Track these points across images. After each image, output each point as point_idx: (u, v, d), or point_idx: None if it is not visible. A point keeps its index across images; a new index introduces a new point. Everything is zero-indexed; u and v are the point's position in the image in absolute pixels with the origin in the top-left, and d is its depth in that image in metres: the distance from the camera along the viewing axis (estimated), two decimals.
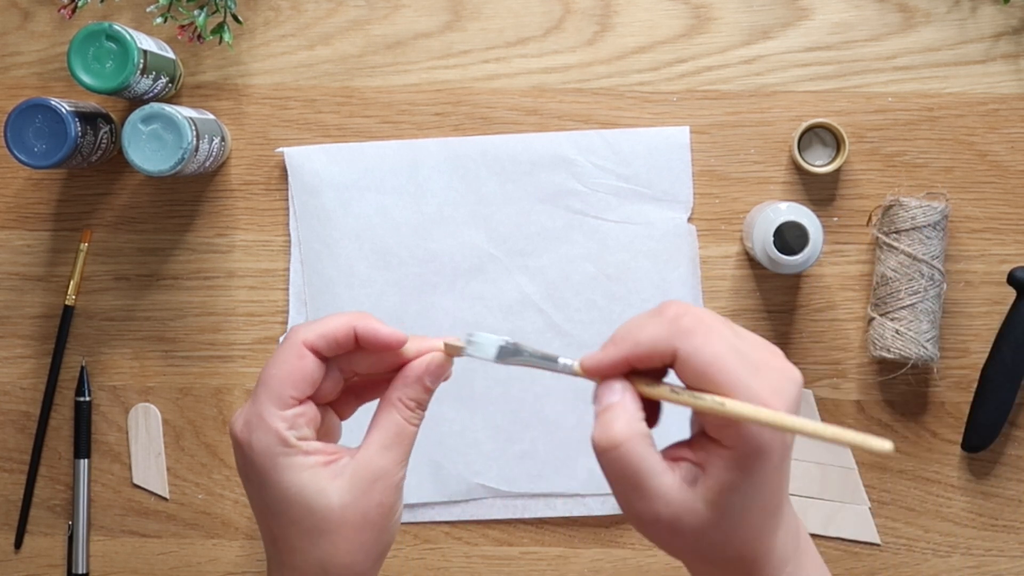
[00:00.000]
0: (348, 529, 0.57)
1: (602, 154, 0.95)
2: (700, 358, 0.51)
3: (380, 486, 0.57)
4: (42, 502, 0.97)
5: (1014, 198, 0.95)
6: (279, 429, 0.57)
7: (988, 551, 0.95)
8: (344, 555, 0.57)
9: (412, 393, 0.59)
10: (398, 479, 0.58)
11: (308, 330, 0.58)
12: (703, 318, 0.52)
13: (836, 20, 0.95)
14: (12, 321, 0.97)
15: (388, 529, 0.58)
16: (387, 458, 0.58)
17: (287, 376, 0.58)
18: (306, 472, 0.57)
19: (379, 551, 0.58)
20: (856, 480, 0.95)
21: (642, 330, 0.52)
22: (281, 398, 0.58)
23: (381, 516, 0.57)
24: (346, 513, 0.57)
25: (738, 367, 0.50)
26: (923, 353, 0.90)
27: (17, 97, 0.94)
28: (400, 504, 0.59)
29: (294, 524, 0.57)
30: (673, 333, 0.51)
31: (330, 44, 0.96)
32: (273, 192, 0.96)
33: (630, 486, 0.52)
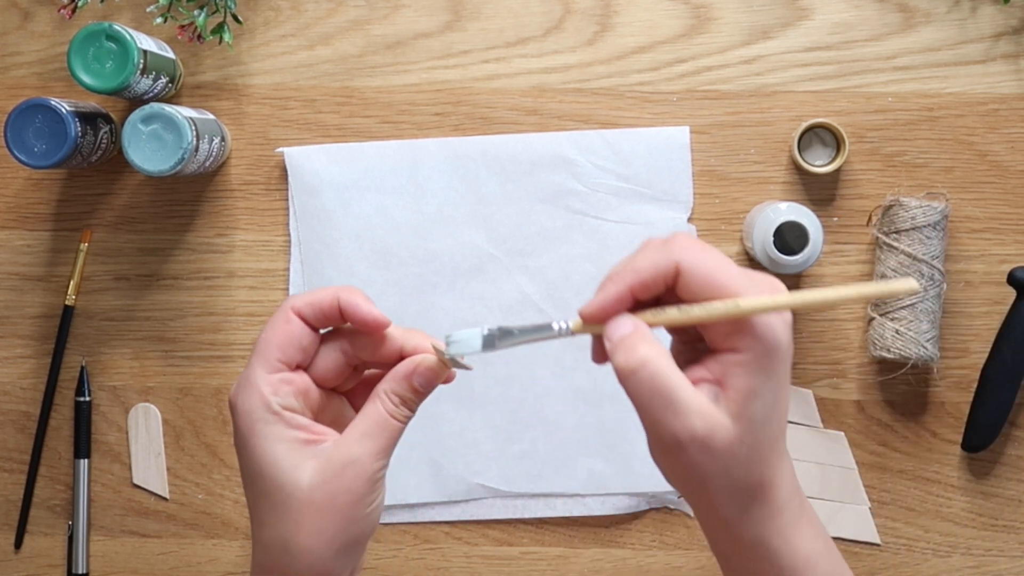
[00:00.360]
0: (312, 511, 0.56)
1: (602, 154, 0.95)
2: (705, 266, 0.51)
3: (351, 473, 0.56)
4: (42, 502, 0.97)
5: (1014, 198, 0.95)
6: (263, 392, 0.57)
7: (988, 551, 0.95)
8: (306, 537, 0.56)
9: (398, 389, 0.58)
10: (372, 470, 0.57)
11: (298, 298, 0.59)
12: (692, 237, 0.53)
13: (836, 20, 0.95)
14: (12, 321, 0.97)
15: (356, 520, 0.57)
16: (363, 447, 0.57)
17: (274, 339, 0.58)
18: (283, 445, 0.57)
19: (344, 541, 0.57)
20: (856, 480, 0.95)
21: (638, 259, 0.53)
22: (268, 361, 0.58)
23: (348, 504, 0.56)
24: (313, 495, 0.56)
25: (738, 273, 0.52)
26: (923, 353, 0.90)
27: (17, 97, 0.94)
28: (374, 498, 0.57)
29: (263, 496, 0.57)
30: (672, 250, 0.52)
31: (330, 44, 0.96)
32: (273, 192, 0.96)
33: (663, 403, 0.51)
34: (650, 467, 0.94)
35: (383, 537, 0.96)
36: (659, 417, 0.52)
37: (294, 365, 0.59)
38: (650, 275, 0.52)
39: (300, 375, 0.59)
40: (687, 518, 0.96)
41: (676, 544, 0.96)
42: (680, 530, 0.96)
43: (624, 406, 0.96)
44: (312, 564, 0.57)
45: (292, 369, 0.59)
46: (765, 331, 0.52)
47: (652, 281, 0.53)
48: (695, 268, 0.52)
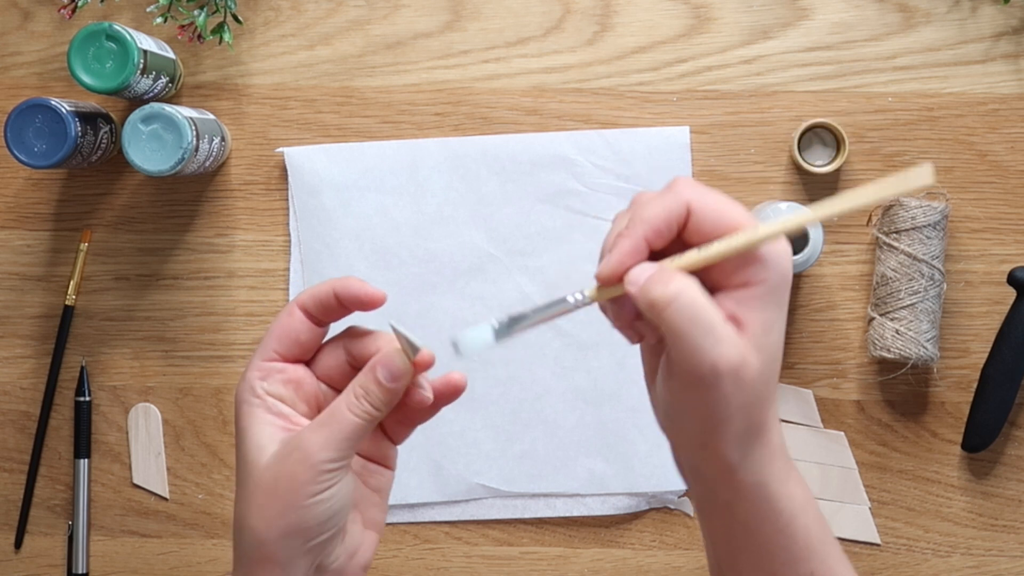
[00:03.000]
0: (259, 491, 0.57)
1: (602, 154, 0.95)
2: (715, 203, 0.52)
3: (296, 457, 0.56)
4: (42, 502, 0.97)
5: (1014, 198, 0.95)
6: (251, 376, 0.59)
7: (988, 551, 0.95)
8: (252, 517, 0.57)
9: (362, 381, 0.58)
10: (316, 459, 0.56)
11: (303, 292, 0.60)
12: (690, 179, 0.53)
13: (836, 20, 0.95)
14: (12, 321, 0.97)
15: (296, 507, 0.56)
16: (314, 435, 0.56)
17: (274, 331, 0.60)
18: (259, 426, 0.58)
19: (285, 527, 0.56)
20: (856, 480, 0.95)
21: (645, 210, 0.52)
22: (265, 351, 0.60)
23: (288, 489, 0.56)
24: (263, 475, 0.57)
25: (742, 208, 0.52)
26: (923, 353, 0.90)
27: (17, 97, 0.94)
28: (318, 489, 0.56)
29: (238, 474, 0.59)
30: (679, 193, 0.52)
31: (330, 44, 0.96)
32: (273, 192, 0.96)
33: (704, 331, 0.50)
34: (650, 467, 0.95)
35: (383, 537, 0.96)
36: (700, 344, 0.50)
37: (292, 357, 0.60)
38: (663, 221, 0.52)
39: (296, 367, 0.60)
40: (687, 518, 0.96)
41: (676, 544, 0.96)
42: (680, 530, 0.96)
43: (624, 406, 0.96)
44: (255, 543, 0.57)
45: (289, 360, 0.60)
46: (777, 261, 0.52)
47: (666, 227, 0.52)
48: (706, 207, 0.52)
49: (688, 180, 0.53)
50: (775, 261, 0.52)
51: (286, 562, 0.57)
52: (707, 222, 0.52)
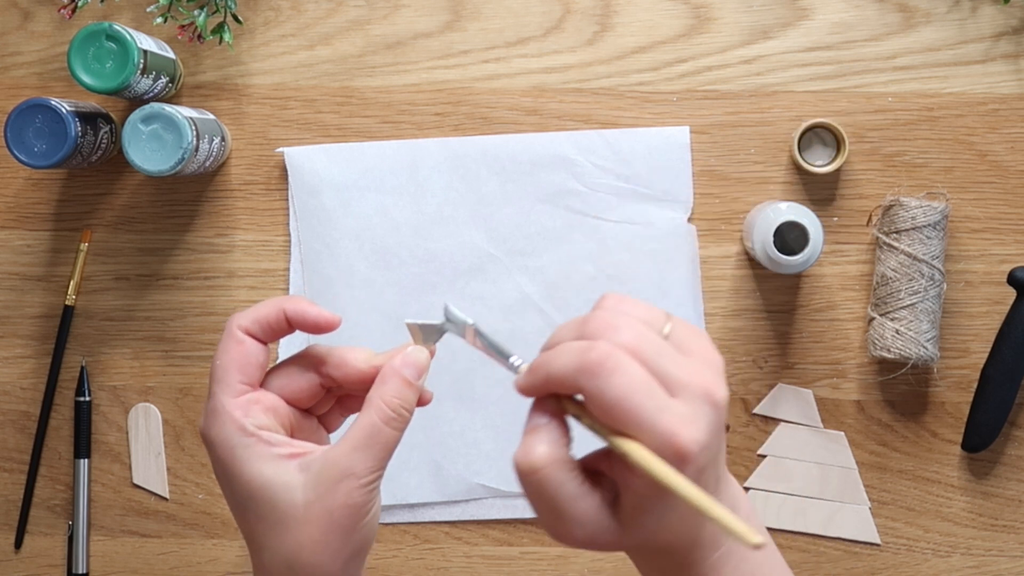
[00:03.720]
0: (312, 528, 0.55)
1: (602, 154, 0.95)
2: (604, 400, 0.48)
3: (346, 487, 0.55)
4: (42, 502, 0.97)
5: (1014, 198, 0.95)
6: (234, 416, 0.57)
7: (988, 551, 0.95)
8: (310, 554, 0.56)
9: (391, 390, 0.57)
10: (366, 480, 0.56)
11: (243, 316, 0.59)
12: (609, 351, 0.49)
13: (836, 20, 0.95)
14: (12, 321, 0.97)
15: (358, 530, 0.56)
16: (355, 458, 0.56)
17: (231, 363, 0.58)
18: (270, 463, 0.56)
19: (350, 552, 0.56)
20: (856, 480, 0.95)
21: (553, 361, 0.51)
22: (230, 385, 0.57)
23: (347, 517, 0.55)
24: (311, 511, 0.55)
25: (644, 404, 0.48)
26: (923, 353, 0.90)
27: (17, 97, 0.94)
28: (373, 505, 0.57)
29: (261, 520, 0.56)
30: (579, 371, 0.49)
31: (330, 44, 0.96)
32: (273, 192, 0.96)
33: (547, 509, 0.51)
34: None
35: (383, 537, 0.96)
36: (543, 518, 0.52)
37: (256, 384, 0.59)
38: (560, 387, 0.51)
39: (265, 393, 0.59)
40: None
41: None
42: None
43: None
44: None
45: (255, 387, 0.58)
46: (650, 480, 0.49)
47: (565, 391, 0.51)
48: (596, 400, 0.49)
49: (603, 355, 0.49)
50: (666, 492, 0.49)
51: None
52: (596, 411, 0.50)
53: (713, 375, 0.50)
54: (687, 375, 0.49)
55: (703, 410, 0.49)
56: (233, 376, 0.57)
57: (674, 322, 0.52)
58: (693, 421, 0.48)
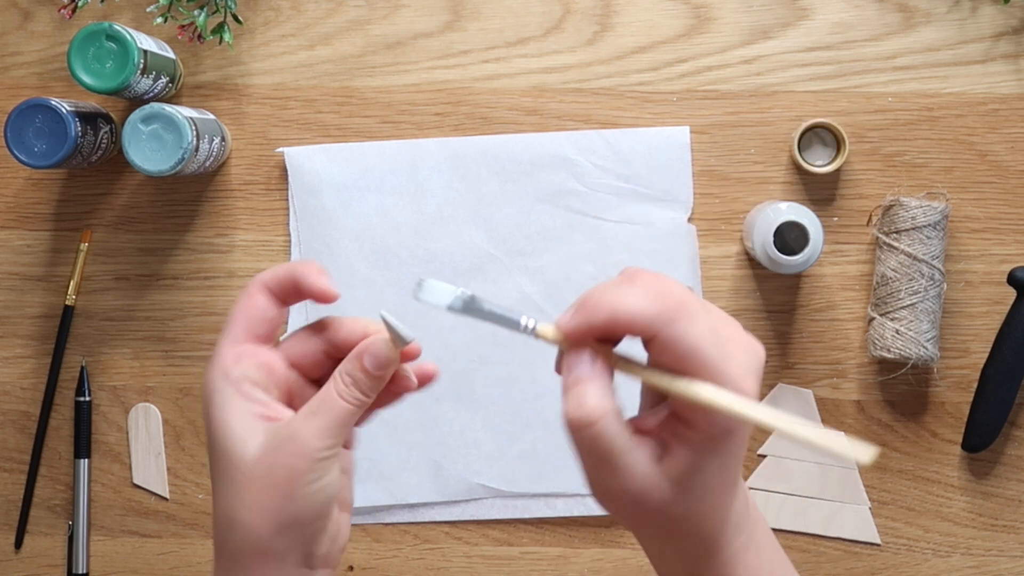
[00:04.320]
0: (253, 485, 0.55)
1: (602, 154, 0.95)
2: (683, 345, 0.50)
3: (291, 448, 0.55)
4: (42, 502, 0.97)
5: (1014, 198, 0.95)
6: (225, 362, 0.57)
7: (988, 551, 0.95)
8: (245, 511, 0.55)
9: (349, 368, 0.57)
10: (312, 447, 0.55)
11: (263, 273, 0.60)
12: (684, 300, 0.51)
13: (836, 20, 0.95)
14: (12, 321, 0.97)
15: (294, 498, 0.55)
16: (306, 423, 0.55)
17: (239, 312, 0.59)
18: (236, 414, 0.56)
19: (283, 519, 0.55)
20: (856, 480, 0.95)
21: (624, 299, 0.51)
22: (232, 334, 0.58)
23: (285, 479, 0.55)
24: (254, 468, 0.55)
25: (715, 353, 0.50)
26: (923, 353, 0.90)
27: (17, 97, 0.94)
28: (315, 477, 0.55)
29: (216, 470, 0.57)
30: (658, 314, 0.50)
31: (330, 44, 0.96)
32: (273, 192, 0.96)
33: (601, 463, 0.52)
34: None
35: (383, 537, 0.96)
36: (595, 473, 0.52)
37: (261, 337, 0.59)
38: (625, 328, 0.51)
39: (267, 352, 0.59)
40: None
41: None
42: None
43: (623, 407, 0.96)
44: (249, 539, 0.56)
45: (259, 342, 0.59)
46: (720, 419, 0.51)
47: (626, 331, 0.52)
48: (674, 345, 0.50)
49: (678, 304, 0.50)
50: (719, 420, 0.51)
51: (282, 554, 0.57)
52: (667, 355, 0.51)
53: (746, 333, 0.53)
54: (731, 329, 0.52)
55: (752, 360, 0.51)
56: (237, 325, 0.58)
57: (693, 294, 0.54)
58: (748, 371, 0.51)
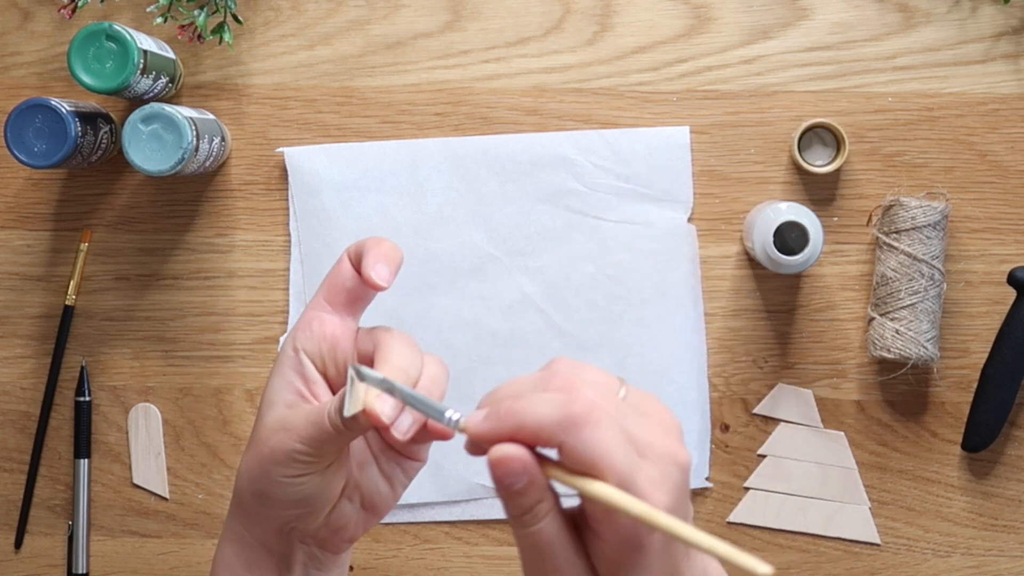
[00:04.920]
0: (252, 446, 0.58)
1: (602, 154, 0.95)
2: (586, 455, 0.47)
3: (278, 437, 0.56)
4: (42, 502, 0.97)
5: (1014, 198, 0.95)
6: (299, 323, 0.59)
7: (988, 551, 0.95)
8: (242, 463, 0.58)
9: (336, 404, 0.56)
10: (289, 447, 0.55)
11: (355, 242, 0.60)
12: (594, 403, 0.47)
13: (836, 20, 0.95)
14: (12, 321, 0.97)
15: (266, 476, 0.56)
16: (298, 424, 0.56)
17: (326, 278, 0.60)
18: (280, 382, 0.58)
19: (256, 486, 0.57)
20: (856, 480, 0.95)
21: (529, 409, 0.48)
22: (316, 299, 0.60)
23: (266, 459, 0.56)
24: (260, 434, 0.57)
25: (622, 463, 0.47)
26: (923, 353, 0.90)
27: (17, 97, 0.94)
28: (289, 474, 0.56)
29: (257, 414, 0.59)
30: (561, 423, 0.47)
31: (330, 44, 0.96)
32: (273, 192, 0.96)
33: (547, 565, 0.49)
34: None
35: (383, 537, 0.96)
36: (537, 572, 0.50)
37: (340, 305, 0.59)
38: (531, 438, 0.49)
39: (336, 322, 0.59)
40: None
41: None
42: None
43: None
44: (237, 486, 0.59)
45: (339, 310, 0.59)
46: (625, 528, 0.47)
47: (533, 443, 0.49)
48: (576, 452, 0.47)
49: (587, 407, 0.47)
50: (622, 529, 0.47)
51: (253, 516, 0.59)
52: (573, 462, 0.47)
53: (674, 438, 0.50)
54: (652, 437, 0.48)
55: (670, 472, 0.48)
56: (321, 291, 0.59)
57: (627, 387, 0.51)
58: (662, 484, 0.47)
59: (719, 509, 0.96)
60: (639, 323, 0.94)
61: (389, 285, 0.58)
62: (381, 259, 0.58)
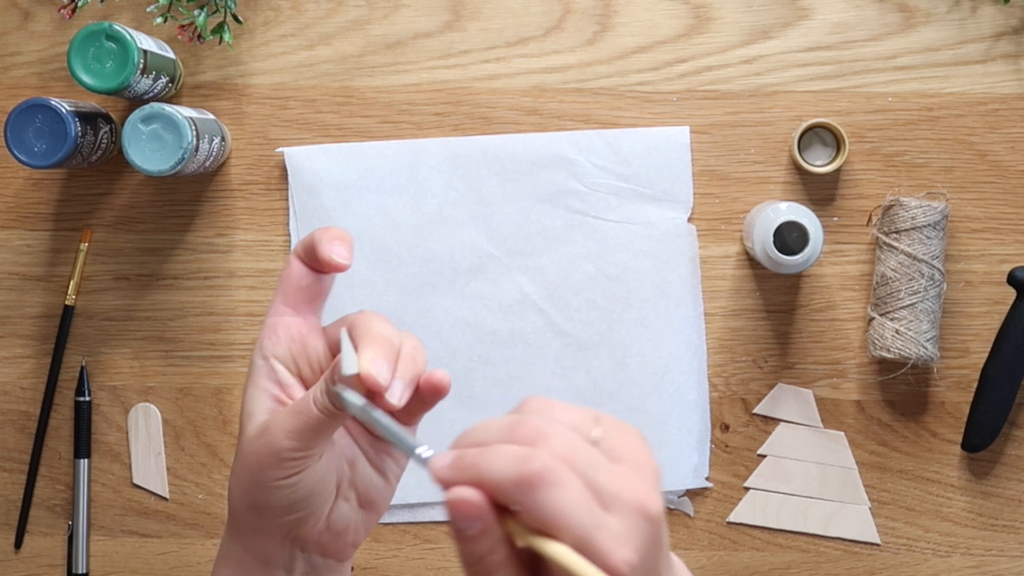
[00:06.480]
0: (239, 461, 0.57)
1: (602, 154, 0.95)
2: (542, 514, 0.45)
3: (263, 440, 0.55)
4: (42, 502, 0.97)
5: (1014, 198, 0.95)
6: (263, 332, 0.58)
7: (988, 551, 0.95)
8: (233, 482, 0.58)
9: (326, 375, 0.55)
10: (279, 446, 0.55)
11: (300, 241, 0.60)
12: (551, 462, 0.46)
13: (836, 20, 0.95)
14: (12, 321, 0.97)
15: (259, 485, 0.56)
16: (281, 422, 0.55)
17: (279, 283, 0.59)
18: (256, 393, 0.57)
19: (250, 500, 0.57)
20: (856, 480, 0.95)
21: (488, 465, 0.47)
22: (274, 305, 0.59)
23: (255, 467, 0.56)
24: (244, 447, 0.57)
25: (582, 521, 0.45)
26: (923, 353, 0.90)
27: (17, 97, 0.94)
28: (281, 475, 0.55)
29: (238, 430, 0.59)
30: (517, 481, 0.45)
31: (330, 44, 0.96)
32: (273, 192, 0.96)
33: None
34: None
35: (383, 537, 0.96)
36: None
37: (299, 306, 0.59)
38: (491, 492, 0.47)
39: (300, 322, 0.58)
40: (687, 518, 0.96)
41: (676, 544, 0.96)
42: (680, 530, 0.96)
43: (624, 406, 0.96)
44: (231, 506, 0.58)
45: (299, 311, 0.59)
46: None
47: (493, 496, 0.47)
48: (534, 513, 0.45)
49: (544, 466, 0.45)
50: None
51: (253, 531, 0.58)
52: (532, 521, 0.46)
53: (646, 485, 0.48)
54: (619, 488, 0.47)
55: (637, 525, 0.46)
56: (277, 297, 0.59)
57: (604, 424, 0.49)
58: (627, 540, 0.46)
59: (719, 509, 0.96)
60: (639, 323, 0.94)
61: (350, 263, 0.58)
62: (335, 241, 0.58)
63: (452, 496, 0.46)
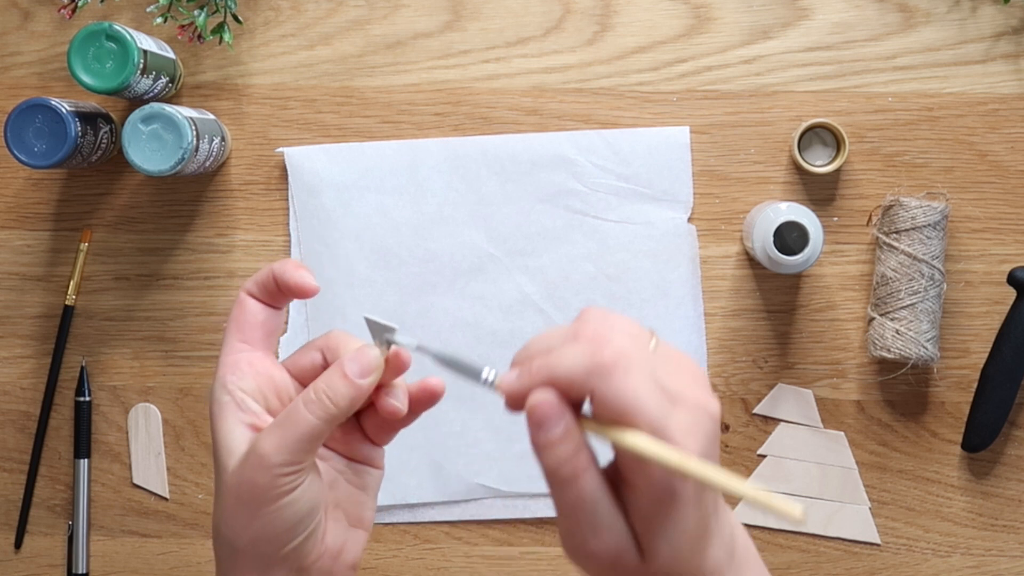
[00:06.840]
0: (229, 498, 0.55)
1: (602, 154, 0.95)
2: (617, 402, 0.47)
3: (253, 463, 0.54)
4: (42, 502, 0.97)
5: (1014, 198, 0.95)
6: (222, 373, 0.57)
7: (988, 551, 0.95)
8: (223, 524, 0.56)
9: (324, 379, 0.55)
10: (272, 463, 0.54)
11: (248, 280, 0.60)
12: (624, 350, 0.48)
13: (836, 20, 0.95)
14: (12, 321, 0.97)
15: (261, 515, 0.55)
16: (269, 437, 0.54)
17: (232, 322, 0.59)
18: (229, 424, 0.56)
19: (253, 534, 0.55)
20: (856, 480, 0.95)
21: (559, 361, 0.48)
22: (229, 343, 0.58)
23: (252, 497, 0.54)
24: (230, 480, 0.55)
25: (654, 409, 0.47)
26: (923, 353, 0.90)
27: (17, 97, 0.94)
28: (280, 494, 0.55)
29: (215, 474, 0.57)
30: (591, 371, 0.47)
31: (330, 44, 0.96)
32: (273, 192, 0.96)
33: (586, 521, 0.49)
34: None
35: (383, 537, 0.96)
36: (578, 530, 0.49)
37: (257, 342, 0.59)
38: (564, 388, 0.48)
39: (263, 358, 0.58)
40: None
41: None
42: None
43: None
44: (229, 550, 0.56)
45: (257, 347, 0.58)
46: (658, 478, 0.47)
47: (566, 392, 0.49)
48: (608, 401, 0.47)
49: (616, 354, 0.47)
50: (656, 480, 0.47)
51: (262, 568, 0.56)
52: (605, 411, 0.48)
53: (704, 389, 0.50)
54: (683, 386, 0.49)
55: (701, 421, 0.48)
56: (232, 335, 0.58)
57: (657, 339, 0.51)
58: (694, 432, 0.48)
59: None
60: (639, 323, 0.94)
61: (318, 287, 0.59)
62: (300, 269, 0.59)
63: (532, 401, 0.48)
